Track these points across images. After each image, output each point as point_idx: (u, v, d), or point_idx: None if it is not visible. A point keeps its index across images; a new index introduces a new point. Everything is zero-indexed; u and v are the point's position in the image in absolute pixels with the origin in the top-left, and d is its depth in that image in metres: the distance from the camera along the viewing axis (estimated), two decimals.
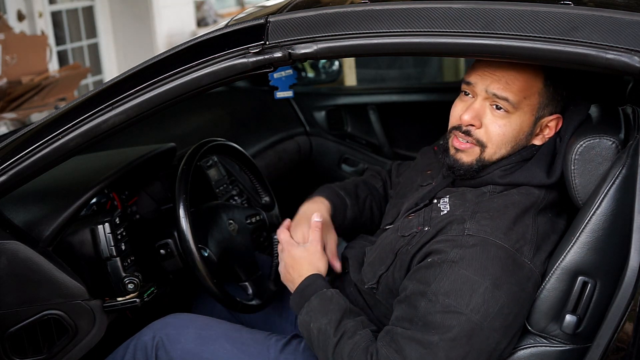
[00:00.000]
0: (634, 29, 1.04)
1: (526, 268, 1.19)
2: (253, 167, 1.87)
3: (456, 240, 1.21)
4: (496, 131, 1.28)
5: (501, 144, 1.29)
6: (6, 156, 1.32)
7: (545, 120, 1.30)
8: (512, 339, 1.20)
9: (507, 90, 1.25)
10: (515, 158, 1.30)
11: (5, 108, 4.42)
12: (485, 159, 1.30)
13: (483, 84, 1.27)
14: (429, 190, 1.39)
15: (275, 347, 1.44)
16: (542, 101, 1.28)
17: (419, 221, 1.33)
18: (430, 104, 2.76)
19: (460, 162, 1.31)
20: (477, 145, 1.29)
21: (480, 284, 1.16)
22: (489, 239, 1.19)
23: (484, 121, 1.28)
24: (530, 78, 1.26)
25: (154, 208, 1.78)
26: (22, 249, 1.36)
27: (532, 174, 1.28)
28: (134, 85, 1.27)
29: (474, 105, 1.28)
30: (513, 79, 1.25)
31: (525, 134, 1.30)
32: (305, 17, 1.21)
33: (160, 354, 1.44)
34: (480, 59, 1.29)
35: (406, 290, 1.24)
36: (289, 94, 2.52)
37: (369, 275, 1.38)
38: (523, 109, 1.27)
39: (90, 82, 6.32)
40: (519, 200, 1.25)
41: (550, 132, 1.32)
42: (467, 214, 1.25)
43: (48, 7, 5.94)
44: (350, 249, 1.54)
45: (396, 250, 1.32)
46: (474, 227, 1.21)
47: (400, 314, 1.24)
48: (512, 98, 1.25)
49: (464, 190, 1.32)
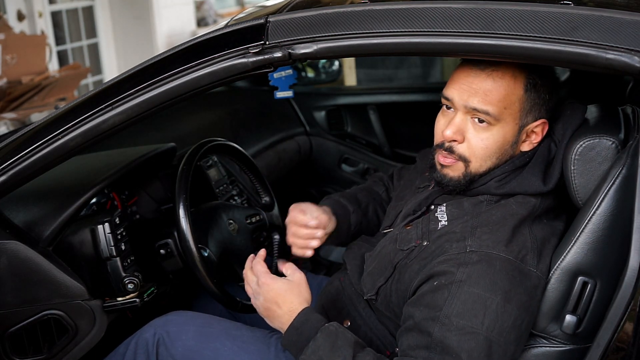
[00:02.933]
0: (634, 29, 1.04)
1: (533, 276, 1.18)
2: (253, 167, 1.87)
3: (459, 259, 1.19)
4: (479, 145, 1.26)
5: (485, 157, 1.27)
6: (6, 156, 1.32)
7: (530, 127, 1.28)
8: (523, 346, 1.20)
9: (487, 102, 1.23)
10: (508, 167, 1.29)
11: (5, 108, 4.42)
12: (472, 172, 1.28)
13: (461, 99, 1.25)
14: (425, 197, 1.37)
15: (275, 346, 1.44)
16: (524, 108, 1.25)
17: (417, 234, 1.31)
18: (430, 104, 2.74)
19: (448, 177, 1.30)
20: (461, 161, 1.28)
21: (492, 300, 1.15)
22: (492, 253, 1.18)
23: (467, 135, 1.26)
24: (509, 87, 1.23)
25: (154, 208, 1.78)
26: (22, 249, 1.36)
27: (528, 183, 1.27)
28: (134, 85, 1.27)
29: (455, 120, 1.26)
30: (491, 89, 1.22)
31: (510, 144, 1.27)
32: (305, 17, 1.21)
33: (162, 350, 1.44)
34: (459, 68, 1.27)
35: (413, 317, 1.20)
36: (289, 94, 2.52)
37: (369, 286, 1.36)
38: (505, 119, 1.24)
39: (90, 82, 6.32)
40: (516, 211, 1.24)
41: (537, 138, 1.29)
42: (467, 231, 1.23)
43: (48, 7, 5.94)
44: (350, 251, 1.54)
45: (395, 263, 1.31)
46: (475, 244, 1.20)
47: (412, 342, 1.19)
48: (492, 110, 1.23)
49: (461, 199, 1.31)
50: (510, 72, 1.23)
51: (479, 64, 1.24)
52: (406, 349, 1.20)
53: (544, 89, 1.27)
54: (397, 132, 2.87)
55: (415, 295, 1.23)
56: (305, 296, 1.32)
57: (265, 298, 1.32)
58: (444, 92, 1.29)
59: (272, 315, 1.32)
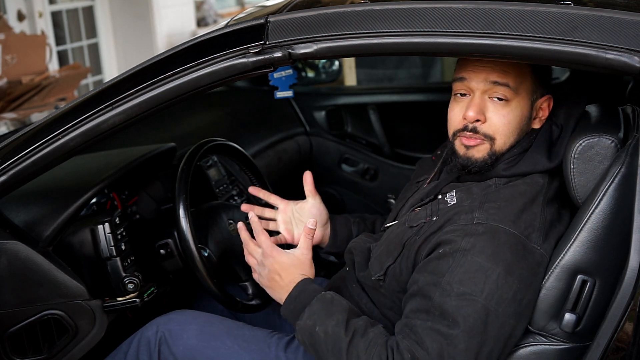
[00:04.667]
0: (634, 29, 1.04)
1: (537, 253, 1.20)
2: (253, 167, 1.87)
3: (466, 229, 1.22)
4: (501, 121, 1.29)
5: (509, 133, 1.30)
6: (6, 156, 1.33)
7: (539, 102, 1.33)
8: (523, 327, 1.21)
9: (507, 76, 1.27)
10: (516, 150, 1.32)
11: (5, 108, 4.42)
12: (497, 151, 1.31)
13: (479, 77, 1.28)
14: (433, 187, 1.40)
15: (276, 345, 1.44)
16: (535, 83, 1.31)
17: (427, 213, 1.33)
18: (430, 104, 2.76)
19: (474, 159, 1.31)
20: (486, 140, 1.30)
21: (493, 270, 1.17)
22: (499, 226, 1.21)
23: (488, 114, 1.29)
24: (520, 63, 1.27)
25: (154, 208, 1.78)
26: (22, 249, 1.36)
27: (535, 161, 1.30)
28: (134, 85, 1.28)
29: (475, 101, 1.29)
30: (507, 66, 1.27)
31: (526, 119, 1.32)
32: (305, 17, 1.21)
33: (163, 349, 1.45)
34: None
35: (417, 283, 1.24)
36: (289, 94, 2.52)
37: (376, 268, 1.37)
38: (521, 94, 1.29)
39: (90, 82, 6.32)
40: (525, 190, 1.27)
41: (544, 114, 1.34)
42: (475, 204, 1.26)
43: (48, 7, 5.94)
44: (354, 244, 1.54)
45: (404, 241, 1.32)
46: (482, 216, 1.23)
47: (414, 306, 1.23)
48: (512, 83, 1.27)
49: (470, 185, 1.33)
50: None
51: None
52: (407, 313, 1.23)
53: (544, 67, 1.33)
54: (397, 132, 2.87)
55: (422, 262, 1.26)
56: (308, 271, 1.37)
57: (270, 269, 1.36)
58: (457, 76, 1.31)
59: (274, 286, 1.36)
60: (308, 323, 1.27)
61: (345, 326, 1.24)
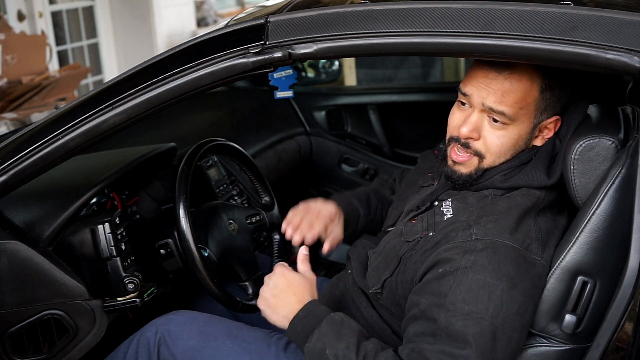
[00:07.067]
0: (634, 29, 1.04)
1: (537, 264, 1.19)
2: (253, 167, 1.87)
3: (464, 246, 1.20)
4: (495, 142, 1.28)
5: (500, 153, 1.29)
6: (6, 156, 1.32)
7: (544, 123, 1.30)
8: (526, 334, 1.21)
9: (503, 103, 1.24)
10: (514, 162, 1.30)
11: (5, 108, 4.42)
12: (485, 167, 1.30)
13: (479, 97, 1.26)
14: (430, 193, 1.39)
15: (276, 346, 1.44)
16: (539, 107, 1.27)
17: (423, 226, 1.32)
18: (430, 104, 2.76)
19: (459, 173, 1.32)
20: (476, 156, 1.30)
21: (496, 286, 1.15)
22: (497, 240, 1.19)
23: (482, 133, 1.28)
24: (526, 88, 1.24)
25: (154, 208, 1.78)
26: (22, 249, 1.36)
27: (532, 177, 1.28)
28: (134, 85, 1.27)
29: (472, 118, 1.28)
30: (508, 92, 1.24)
31: (524, 140, 1.30)
32: (305, 17, 1.21)
33: (163, 349, 1.44)
34: (477, 66, 1.28)
35: (419, 305, 1.21)
36: (289, 94, 2.51)
37: (374, 280, 1.37)
38: (520, 119, 1.26)
39: (90, 82, 6.32)
40: (520, 202, 1.25)
41: (549, 133, 1.32)
42: (472, 219, 1.24)
43: (48, 7, 5.94)
44: (354, 248, 1.55)
45: (400, 255, 1.32)
46: (480, 232, 1.21)
47: (418, 330, 1.20)
48: (507, 111, 1.24)
49: (466, 194, 1.32)
50: (527, 74, 1.24)
51: (496, 65, 1.24)
52: (412, 337, 1.21)
53: (559, 88, 1.29)
54: (397, 132, 2.87)
55: (420, 283, 1.24)
56: (314, 294, 1.35)
57: (276, 284, 1.34)
58: (462, 87, 1.30)
59: (278, 305, 1.33)
60: (317, 346, 1.23)
61: (356, 350, 1.20)
